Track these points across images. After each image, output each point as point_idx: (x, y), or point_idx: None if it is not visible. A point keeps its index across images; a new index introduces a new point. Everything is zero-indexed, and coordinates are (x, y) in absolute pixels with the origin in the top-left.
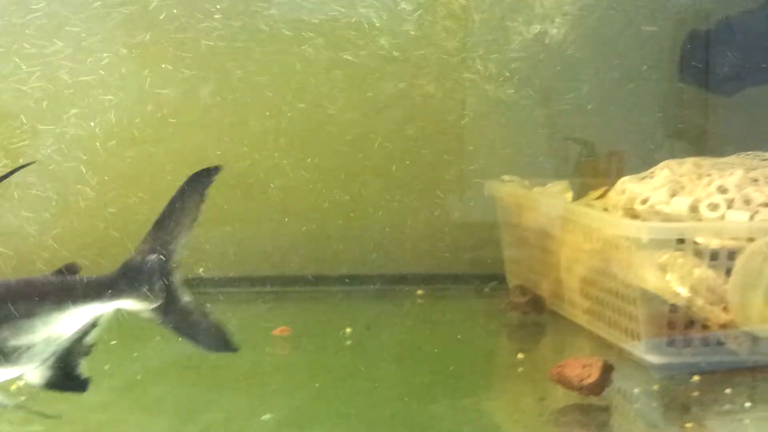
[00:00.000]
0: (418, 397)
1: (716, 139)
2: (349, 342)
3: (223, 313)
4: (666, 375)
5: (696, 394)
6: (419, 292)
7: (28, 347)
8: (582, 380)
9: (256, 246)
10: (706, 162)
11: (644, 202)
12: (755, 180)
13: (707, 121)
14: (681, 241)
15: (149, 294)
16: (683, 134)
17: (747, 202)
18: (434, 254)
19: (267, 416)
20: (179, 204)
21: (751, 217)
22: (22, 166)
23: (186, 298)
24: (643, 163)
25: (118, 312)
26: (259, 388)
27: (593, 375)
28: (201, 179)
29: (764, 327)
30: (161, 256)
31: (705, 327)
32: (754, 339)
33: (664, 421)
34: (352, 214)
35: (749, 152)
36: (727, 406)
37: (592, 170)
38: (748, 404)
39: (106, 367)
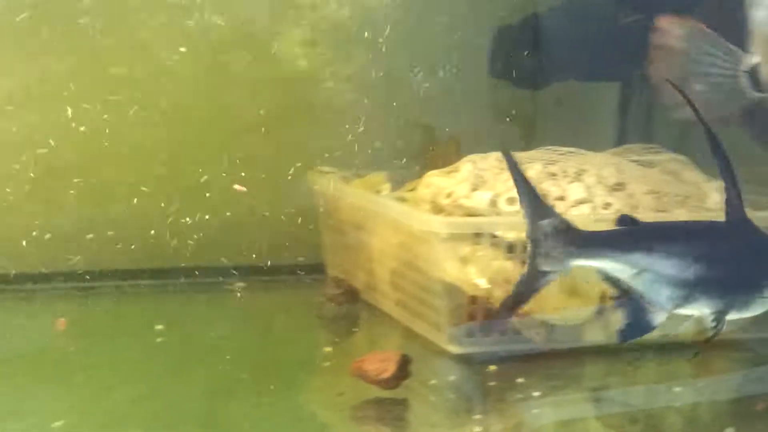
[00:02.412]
0: (222, 396)
1: (546, 130)
2: (159, 339)
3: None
4: (465, 365)
5: (491, 383)
6: (239, 284)
7: None
8: (379, 374)
9: (59, 238)
10: None
11: (448, 196)
12: (553, 174)
13: (537, 112)
14: (479, 234)
15: None
16: (516, 124)
17: (544, 196)
18: (257, 245)
19: (59, 423)
20: None
21: None
22: None
23: None
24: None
25: None
26: (55, 389)
27: (390, 369)
28: None
29: (559, 315)
30: None
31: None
32: (550, 327)
33: (455, 413)
34: (162, 204)
35: (550, 147)
36: (517, 396)
37: (432, 157)
38: (536, 393)
39: None
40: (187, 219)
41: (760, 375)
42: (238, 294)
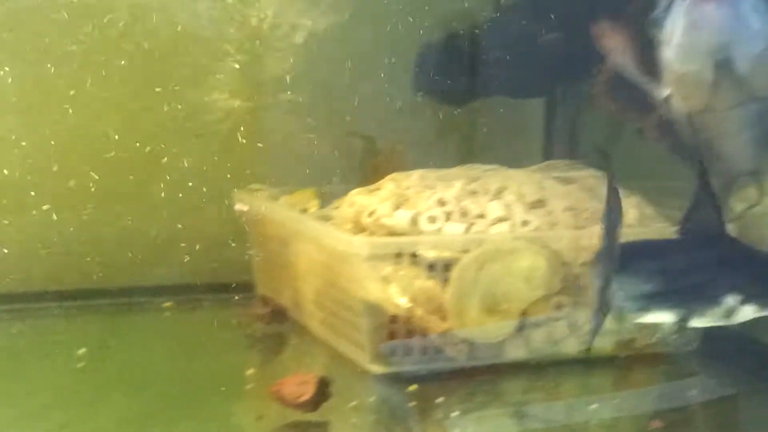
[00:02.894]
0: (136, 423)
1: (480, 145)
2: (81, 364)
3: None
4: (387, 385)
5: (410, 404)
6: (167, 304)
7: None
8: (297, 398)
9: None
10: (432, 174)
11: (371, 214)
12: (474, 192)
13: (473, 127)
14: (400, 254)
15: None
16: (454, 137)
17: (464, 214)
18: (185, 263)
19: None
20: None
21: (467, 230)
22: None
23: None
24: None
25: None
26: None
27: (308, 392)
28: None
29: (479, 333)
30: None
31: (424, 335)
32: (471, 345)
33: None
34: (85, 217)
35: (471, 164)
36: (437, 415)
37: (374, 168)
38: (455, 413)
39: None
40: (114, 239)
41: (678, 388)
42: (166, 314)
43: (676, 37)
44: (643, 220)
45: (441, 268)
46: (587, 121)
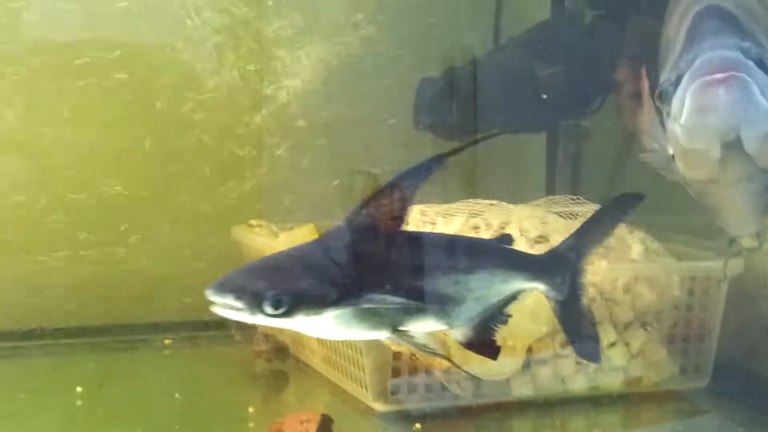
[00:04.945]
0: None
1: (478, 182)
2: (79, 402)
3: None
4: (390, 423)
5: None
6: (167, 341)
7: (461, 302)
8: None
9: None
10: (432, 209)
11: None
12: (476, 227)
13: (476, 162)
14: None
15: (560, 286)
16: (454, 172)
17: None
18: (185, 300)
19: None
20: (607, 215)
21: None
22: None
23: (584, 301)
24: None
25: None
26: None
27: (310, 431)
28: (629, 202)
29: (484, 369)
30: (577, 256)
31: (428, 373)
32: (477, 382)
33: None
34: (83, 254)
35: (471, 199)
36: None
37: None
38: None
39: None
40: (113, 276)
41: (690, 427)
42: (166, 351)
43: (683, 117)
44: (648, 255)
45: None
46: (589, 155)
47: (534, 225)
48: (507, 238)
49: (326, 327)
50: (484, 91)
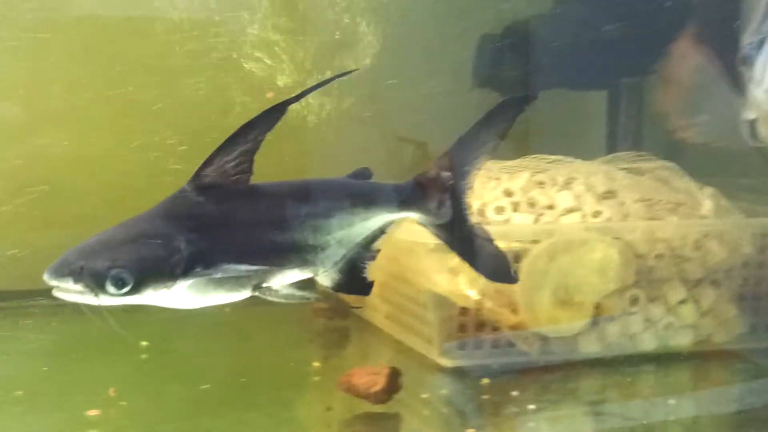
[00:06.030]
0: (204, 413)
1: (529, 142)
2: (144, 356)
3: None
4: (458, 378)
5: (484, 397)
6: None
7: (323, 248)
8: (369, 388)
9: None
10: (496, 165)
11: None
12: (541, 183)
13: (528, 122)
14: None
15: (438, 210)
16: (512, 130)
17: (532, 204)
18: None
19: None
20: (484, 126)
21: (536, 220)
22: None
23: (471, 221)
24: None
25: None
26: (32, 406)
27: (380, 383)
28: (513, 105)
29: (552, 327)
30: (455, 175)
31: (495, 329)
32: (544, 339)
33: (449, 426)
34: None
35: (536, 155)
36: (512, 409)
37: None
38: (532, 406)
39: None
40: None
41: (759, 386)
42: (227, 309)
43: (766, 81)
44: (719, 212)
45: (510, 260)
46: (651, 112)
47: (601, 180)
48: (365, 173)
49: (180, 298)
50: (545, 47)
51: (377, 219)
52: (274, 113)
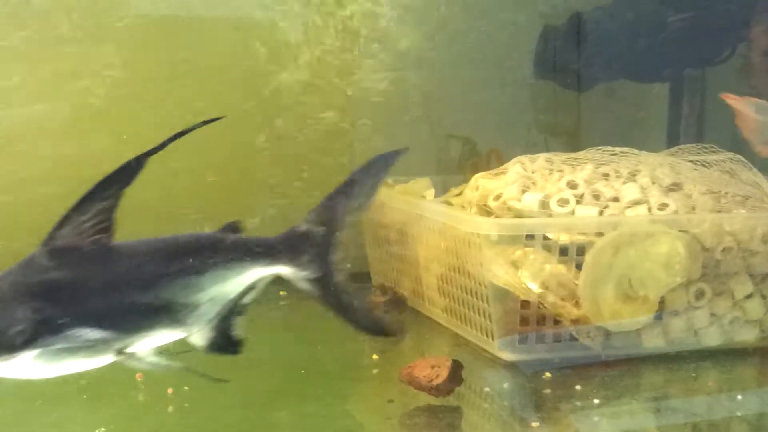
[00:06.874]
0: (264, 404)
1: (589, 135)
2: None
3: None
4: (519, 372)
5: (547, 391)
6: (282, 293)
7: (195, 306)
8: (431, 381)
9: None
10: (558, 158)
11: (497, 198)
12: (605, 175)
13: (580, 117)
14: (531, 237)
15: (309, 264)
16: (558, 131)
17: (596, 197)
18: None
19: (102, 430)
20: (356, 182)
21: (600, 212)
22: None
23: (343, 276)
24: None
25: None
26: (95, 397)
27: (442, 375)
28: (384, 161)
29: (616, 321)
30: (327, 229)
31: (557, 323)
32: (607, 334)
33: (511, 420)
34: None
35: (599, 147)
36: (576, 403)
37: (473, 167)
38: (597, 401)
39: None
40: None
41: None
42: (281, 303)
43: None
44: None
45: (574, 252)
46: (715, 105)
47: (666, 173)
48: (233, 226)
49: (28, 368)
50: (608, 38)
51: (249, 274)
52: (132, 166)
